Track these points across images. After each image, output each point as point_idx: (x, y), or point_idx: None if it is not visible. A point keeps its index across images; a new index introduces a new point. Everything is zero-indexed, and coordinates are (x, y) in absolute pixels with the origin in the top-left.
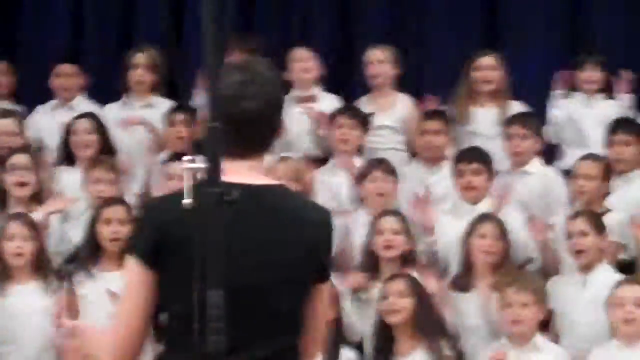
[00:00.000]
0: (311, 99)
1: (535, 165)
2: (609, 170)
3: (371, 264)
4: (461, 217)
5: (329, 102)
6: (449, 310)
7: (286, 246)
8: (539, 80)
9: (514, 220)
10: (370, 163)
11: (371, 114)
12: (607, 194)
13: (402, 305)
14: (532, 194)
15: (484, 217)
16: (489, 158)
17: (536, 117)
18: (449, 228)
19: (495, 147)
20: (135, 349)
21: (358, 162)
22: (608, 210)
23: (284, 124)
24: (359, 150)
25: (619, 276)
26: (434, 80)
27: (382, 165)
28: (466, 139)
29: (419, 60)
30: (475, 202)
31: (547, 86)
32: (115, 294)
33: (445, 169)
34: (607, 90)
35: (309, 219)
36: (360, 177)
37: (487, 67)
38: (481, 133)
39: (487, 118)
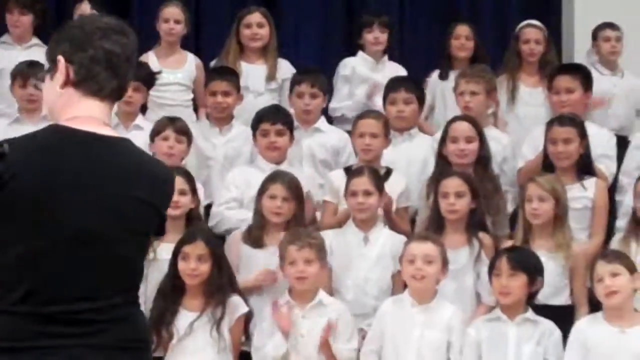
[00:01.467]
0: None
1: (325, 123)
2: (388, 127)
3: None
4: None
5: None
6: None
7: (130, 194)
8: (317, 46)
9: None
10: (163, 121)
11: (158, 72)
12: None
13: (201, 270)
14: (326, 151)
15: (274, 177)
16: (290, 118)
17: (324, 75)
18: (253, 180)
19: (265, 104)
20: None
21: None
22: (387, 168)
23: None
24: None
25: (393, 233)
26: (210, 40)
27: (175, 123)
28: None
29: (198, 19)
30: (277, 162)
31: (326, 51)
32: None
33: (235, 130)
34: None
35: (154, 172)
36: (154, 135)
37: (256, 25)
38: (252, 89)
39: (257, 74)
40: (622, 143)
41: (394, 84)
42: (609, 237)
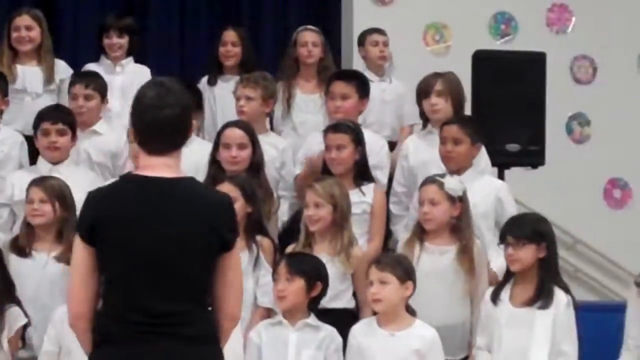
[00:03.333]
0: None
1: (104, 125)
2: None
3: None
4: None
5: None
6: None
7: (187, 222)
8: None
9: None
10: None
11: None
12: None
13: None
14: (103, 155)
15: (33, 182)
16: (72, 117)
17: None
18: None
19: (43, 105)
20: None
21: None
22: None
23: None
24: None
25: None
26: None
27: None
28: (13, 97)
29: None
30: (57, 162)
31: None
32: None
33: (2, 134)
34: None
35: (206, 201)
36: None
37: (24, 27)
38: (30, 91)
39: (34, 76)
40: (392, 148)
41: None
42: (386, 242)
